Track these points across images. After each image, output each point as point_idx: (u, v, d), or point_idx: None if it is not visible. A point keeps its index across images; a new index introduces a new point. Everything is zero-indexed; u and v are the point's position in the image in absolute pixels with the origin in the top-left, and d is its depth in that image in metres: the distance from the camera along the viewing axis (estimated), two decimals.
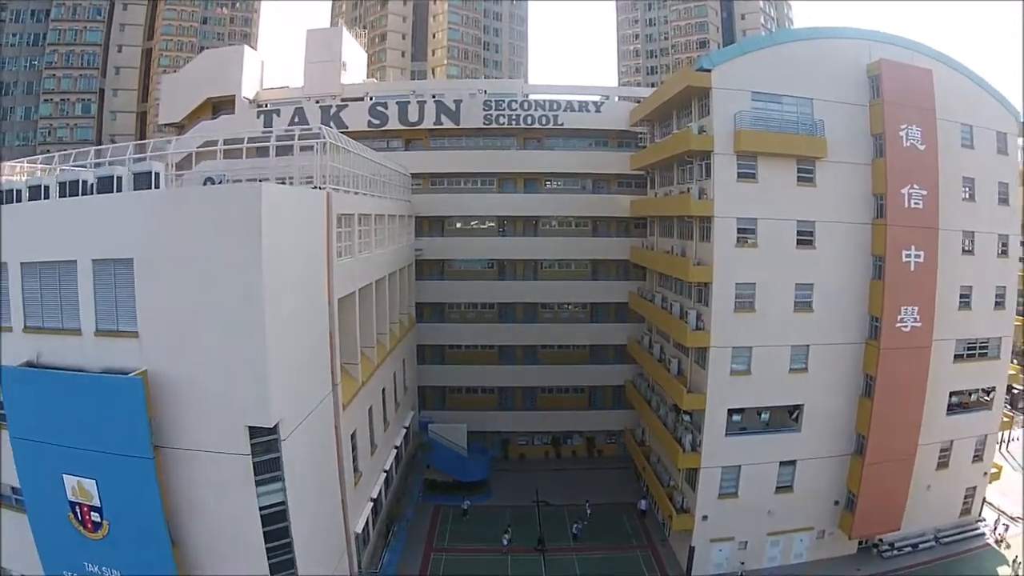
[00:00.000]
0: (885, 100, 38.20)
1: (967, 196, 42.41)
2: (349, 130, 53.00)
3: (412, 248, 50.34)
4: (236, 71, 58.33)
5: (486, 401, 56.57)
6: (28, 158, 38.03)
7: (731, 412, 37.79)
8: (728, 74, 36.77)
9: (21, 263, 24.49)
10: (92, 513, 23.91)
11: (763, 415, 39.02)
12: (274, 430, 21.57)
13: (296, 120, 54.92)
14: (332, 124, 53.92)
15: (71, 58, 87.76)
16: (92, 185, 24.80)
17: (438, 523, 46.50)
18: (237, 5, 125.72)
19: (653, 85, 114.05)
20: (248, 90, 59.00)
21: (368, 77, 76.13)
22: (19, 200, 27.25)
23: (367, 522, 32.08)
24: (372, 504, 33.31)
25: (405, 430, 44.07)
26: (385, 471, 36.85)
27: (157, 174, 23.38)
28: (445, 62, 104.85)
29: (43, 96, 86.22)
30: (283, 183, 28.03)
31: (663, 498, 41.98)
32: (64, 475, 23.95)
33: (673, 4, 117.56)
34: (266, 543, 22.27)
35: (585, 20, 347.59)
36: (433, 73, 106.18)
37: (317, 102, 57.12)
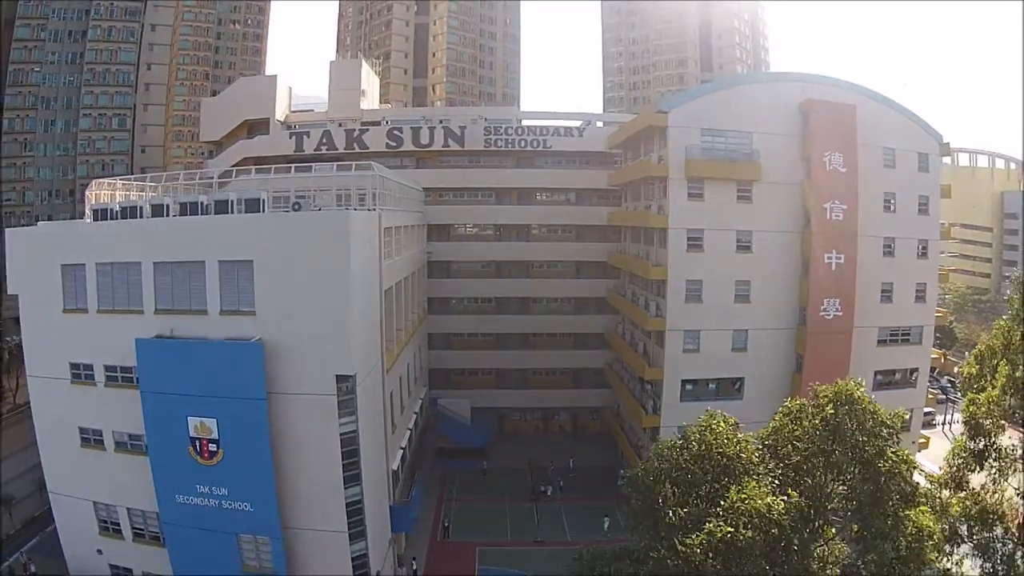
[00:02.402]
0: (811, 133, 47.97)
1: (889, 208, 51.80)
2: (369, 150, 62.66)
3: (425, 251, 59.55)
4: (270, 97, 67.51)
5: (486, 381, 66.12)
6: (121, 177, 46.82)
7: (684, 382, 47.43)
8: (682, 114, 46.49)
9: (154, 262, 33.68)
10: (210, 445, 32.98)
11: (711, 385, 48.51)
12: (352, 378, 31.04)
13: (324, 141, 64.20)
14: (355, 145, 63.60)
15: (107, 76, 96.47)
16: (208, 206, 34.10)
17: (446, 480, 55.92)
18: (248, 21, 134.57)
19: (636, 100, 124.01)
20: (279, 113, 68.13)
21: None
22: (142, 215, 36.36)
23: (399, 464, 41.42)
24: (402, 452, 42.64)
25: (420, 401, 53.54)
26: (409, 429, 46.26)
27: (263, 200, 32.71)
28: (444, 79, 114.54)
29: (82, 111, 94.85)
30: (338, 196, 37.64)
31: (631, 454, 51.55)
32: (188, 417, 33.03)
33: (655, 25, 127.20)
34: (343, 460, 31.69)
35: (574, 37, 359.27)
36: (433, 89, 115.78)
37: (340, 125, 66.28)
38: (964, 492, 19.94)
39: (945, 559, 18.26)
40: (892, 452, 19.82)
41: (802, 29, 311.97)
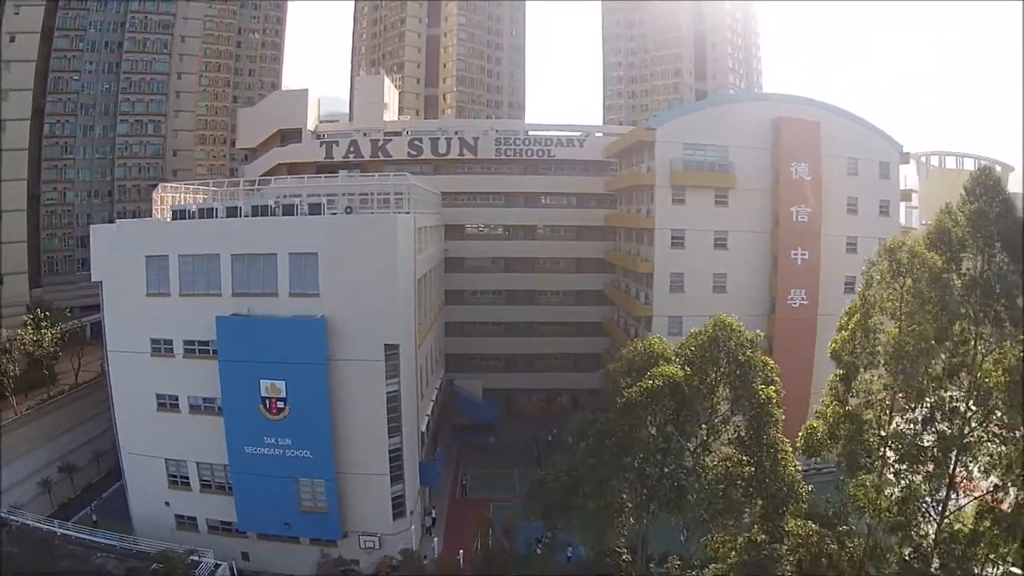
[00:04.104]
0: (779, 146, 55.55)
1: (852, 210, 59.21)
2: (392, 158, 70.37)
3: (443, 249, 67.12)
4: (302, 108, 75.14)
5: (496, 365, 73.85)
6: (185, 182, 54.41)
7: None
8: (668, 131, 54.25)
9: (232, 254, 41.22)
10: (278, 403, 40.55)
11: None
12: (396, 347, 38.87)
13: (351, 150, 71.82)
14: (379, 154, 71.29)
15: (142, 85, 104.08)
16: (275, 209, 41.74)
17: (462, 451, 63.52)
18: (267, 31, 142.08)
19: (634, 107, 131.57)
20: (310, 123, 75.72)
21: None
22: (216, 216, 43.86)
23: (425, 428, 48.97)
24: (428, 418, 50.19)
25: (440, 380, 61.13)
26: (432, 400, 53.82)
27: (322, 205, 40.45)
28: (454, 88, 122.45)
29: (119, 117, 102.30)
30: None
31: None
32: (260, 380, 40.57)
33: (652, 36, 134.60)
34: (387, 414, 39.47)
35: (576, 45, 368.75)
36: (444, 98, 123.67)
37: (365, 135, 73.86)
38: (837, 403, 28.21)
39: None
40: (752, 353, 29.61)
41: (795, 36, 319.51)
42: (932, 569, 24.16)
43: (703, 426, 29.64)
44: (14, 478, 49.43)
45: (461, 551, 43.28)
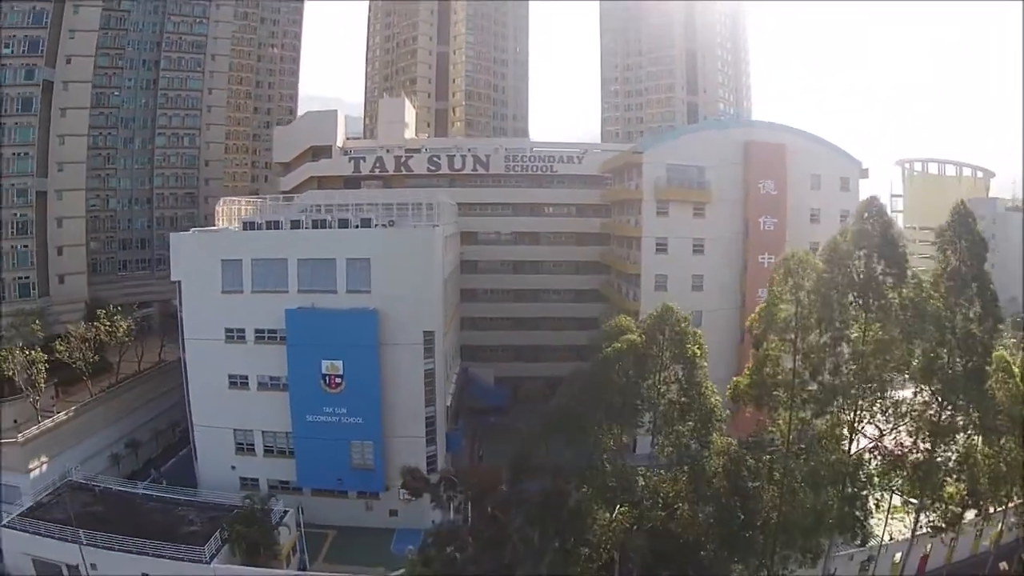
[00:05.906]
0: (750, 166, 65.15)
1: (815, 220, 68.70)
2: (413, 173, 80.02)
3: (459, 253, 76.65)
4: (332, 127, 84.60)
5: (505, 356, 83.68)
6: (246, 198, 63.92)
7: None
8: (653, 154, 63.98)
9: (298, 259, 50.81)
10: (336, 378, 50.13)
11: None
12: (433, 333, 48.74)
13: (377, 165, 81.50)
14: (402, 168, 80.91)
15: (178, 100, 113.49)
16: (331, 223, 51.49)
17: (476, 431, 72.84)
18: (284, 46, 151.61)
19: (630, 120, 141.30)
20: (339, 140, 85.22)
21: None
22: (280, 227, 53.42)
23: (449, 403, 58.54)
24: (450, 396, 59.70)
25: (458, 367, 70.75)
26: (453, 383, 63.37)
27: (372, 219, 50.22)
28: (463, 103, 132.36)
29: (157, 130, 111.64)
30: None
31: None
32: (322, 360, 50.15)
33: (647, 54, 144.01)
34: (424, 387, 49.30)
35: (575, 56, 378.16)
36: (453, 111, 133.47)
37: (388, 151, 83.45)
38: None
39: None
40: (685, 325, 40.37)
41: (785, 47, 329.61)
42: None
43: (654, 374, 40.62)
44: (89, 451, 58.22)
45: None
